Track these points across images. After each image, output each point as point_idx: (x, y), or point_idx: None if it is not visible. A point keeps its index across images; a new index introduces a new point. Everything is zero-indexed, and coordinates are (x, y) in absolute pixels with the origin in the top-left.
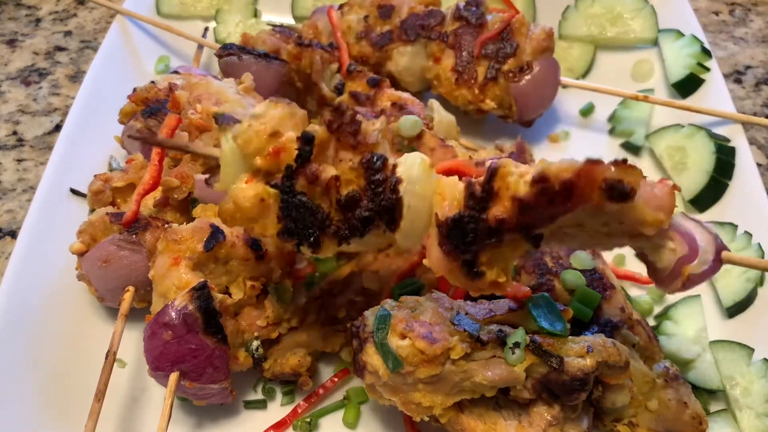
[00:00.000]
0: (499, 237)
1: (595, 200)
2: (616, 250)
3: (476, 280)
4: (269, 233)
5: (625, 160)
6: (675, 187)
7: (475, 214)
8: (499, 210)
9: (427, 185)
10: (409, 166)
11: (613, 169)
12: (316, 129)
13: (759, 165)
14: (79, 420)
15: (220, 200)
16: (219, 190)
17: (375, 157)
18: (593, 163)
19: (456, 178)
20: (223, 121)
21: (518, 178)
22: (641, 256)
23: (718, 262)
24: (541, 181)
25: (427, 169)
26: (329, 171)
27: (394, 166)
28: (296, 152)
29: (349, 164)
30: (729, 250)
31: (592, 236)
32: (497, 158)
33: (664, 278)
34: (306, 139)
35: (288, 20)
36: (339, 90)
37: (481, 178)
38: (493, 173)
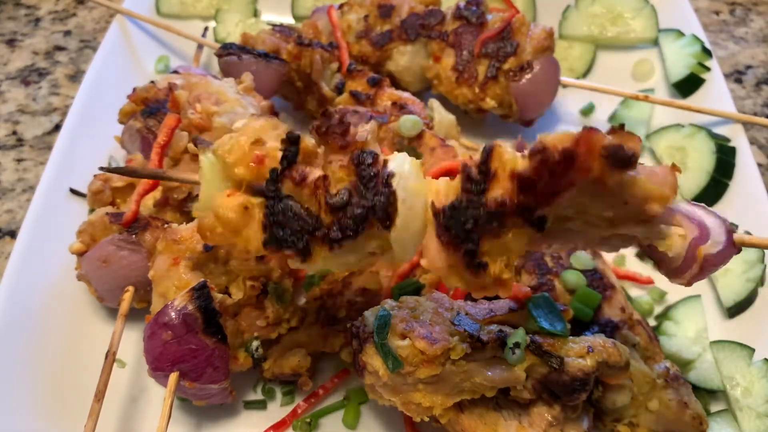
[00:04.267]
0: (501, 221)
1: (597, 170)
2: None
3: (479, 274)
4: (253, 247)
5: (622, 126)
6: (675, 167)
7: (474, 198)
8: (498, 191)
9: (419, 181)
10: (400, 163)
11: (611, 136)
12: (302, 136)
13: (759, 165)
14: (78, 420)
15: None
16: (197, 213)
17: (365, 153)
18: (591, 130)
19: (448, 178)
20: (201, 143)
21: (515, 156)
22: (650, 251)
23: (731, 243)
24: (539, 152)
25: (418, 166)
26: (317, 172)
27: (385, 161)
28: (281, 156)
29: (338, 164)
30: (737, 232)
31: (596, 227)
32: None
33: (678, 268)
34: (291, 140)
35: (288, 20)
36: (339, 89)
37: (477, 159)
38: (489, 153)
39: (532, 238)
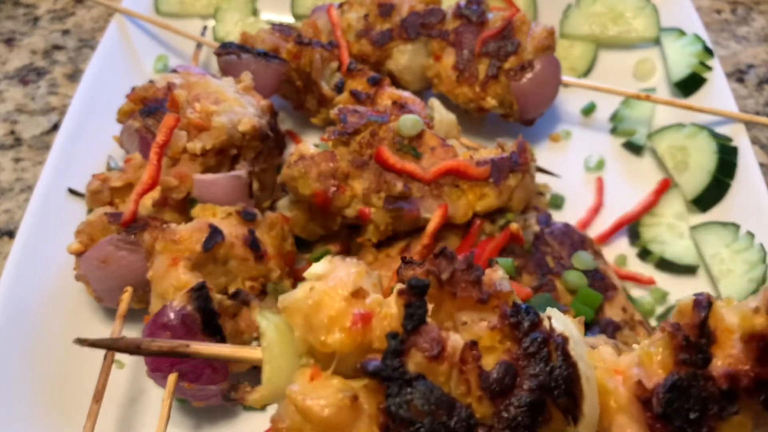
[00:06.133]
0: (733, 402)
1: None
2: (617, 250)
3: None
4: None
5: None
6: None
7: (696, 371)
8: (725, 359)
9: (586, 348)
10: (564, 321)
11: None
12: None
13: (761, 165)
14: (77, 421)
15: (218, 200)
16: (264, 400)
17: (521, 310)
18: None
19: (606, 346)
20: (248, 298)
21: (745, 312)
22: None
23: None
24: None
25: (580, 326)
26: (456, 338)
27: (549, 319)
28: (405, 314)
29: (480, 325)
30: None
31: None
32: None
33: None
34: (418, 289)
35: (287, 19)
36: (339, 89)
37: (688, 319)
38: (707, 309)
39: (760, 418)
